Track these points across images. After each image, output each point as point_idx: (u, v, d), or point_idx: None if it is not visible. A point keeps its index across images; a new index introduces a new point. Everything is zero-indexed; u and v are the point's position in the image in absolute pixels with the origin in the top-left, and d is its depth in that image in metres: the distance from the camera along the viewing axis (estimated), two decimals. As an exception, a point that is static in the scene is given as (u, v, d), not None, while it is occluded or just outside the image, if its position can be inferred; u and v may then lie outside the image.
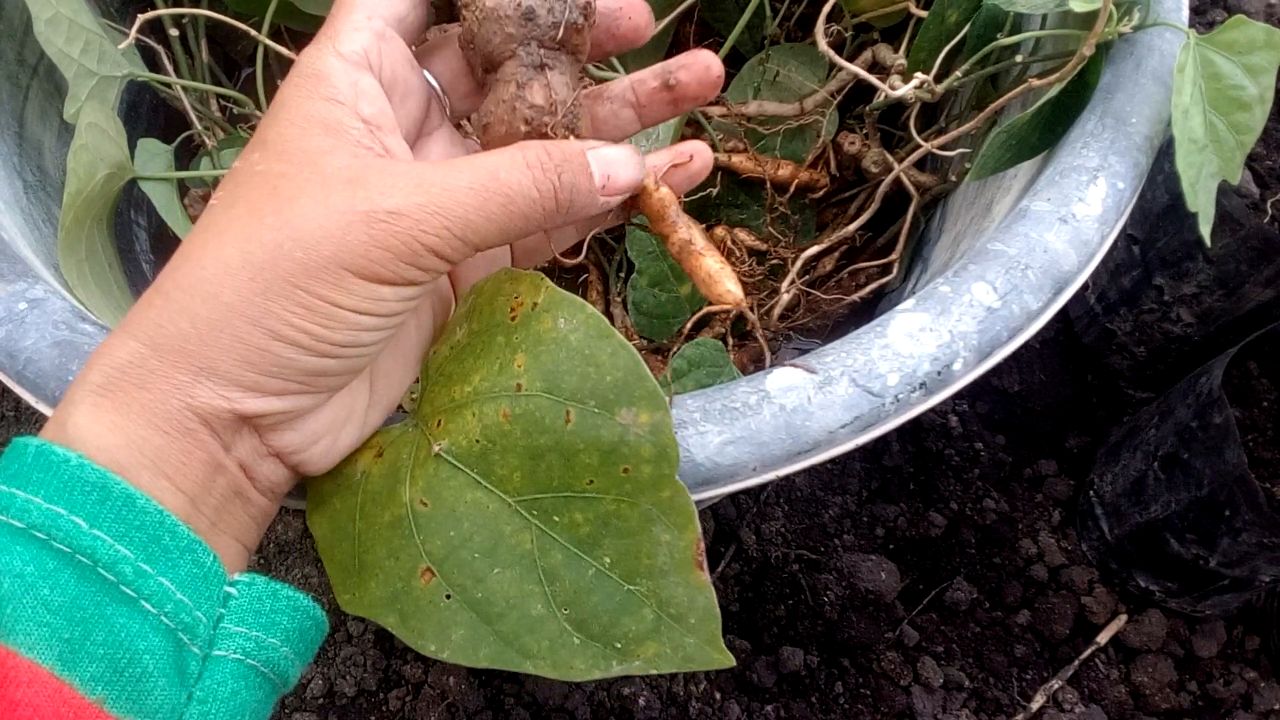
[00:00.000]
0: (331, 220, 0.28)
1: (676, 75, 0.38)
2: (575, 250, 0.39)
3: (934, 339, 0.38)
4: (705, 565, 0.33)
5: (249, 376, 0.29)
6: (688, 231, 0.38)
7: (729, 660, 0.33)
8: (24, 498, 0.27)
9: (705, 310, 0.43)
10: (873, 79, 0.53)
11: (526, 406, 0.33)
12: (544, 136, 0.34)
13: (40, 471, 0.27)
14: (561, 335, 0.33)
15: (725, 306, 0.37)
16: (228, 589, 0.30)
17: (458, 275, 0.38)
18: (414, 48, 0.35)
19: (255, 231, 0.29)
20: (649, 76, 0.38)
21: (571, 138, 0.35)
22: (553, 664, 0.33)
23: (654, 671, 0.33)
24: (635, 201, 0.37)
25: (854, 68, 0.54)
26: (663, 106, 0.39)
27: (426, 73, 0.36)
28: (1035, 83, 0.47)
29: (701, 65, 0.37)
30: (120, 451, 0.28)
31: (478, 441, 0.33)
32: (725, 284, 0.37)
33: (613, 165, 0.34)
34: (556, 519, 0.33)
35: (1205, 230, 0.44)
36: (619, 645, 0.33)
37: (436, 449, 0.34)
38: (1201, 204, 0.44)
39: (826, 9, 0.52)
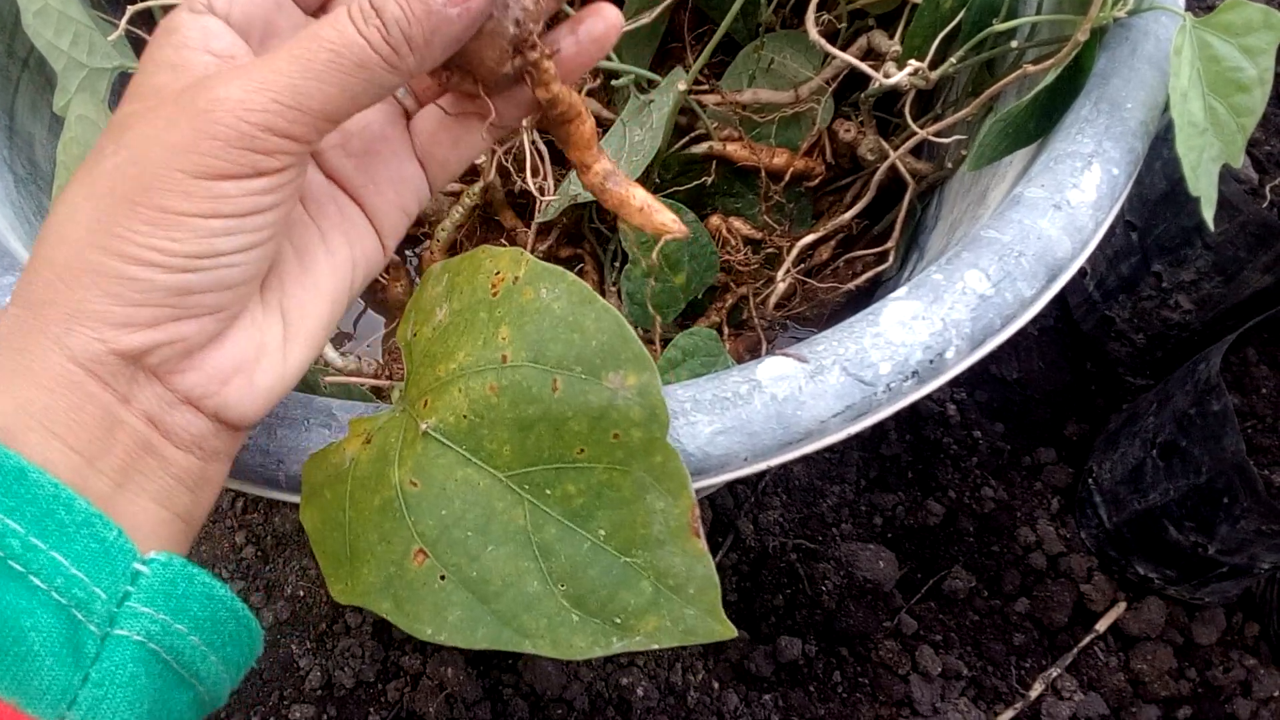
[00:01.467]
0: (159, 129, 0.27)
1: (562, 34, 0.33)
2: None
3: (926, 327, 0.38)
4: (701, 532, 0.32)
5: (116, 310, 0.27)
6: (610, 164, 0.35)
7: (731, 631, 0.32)
8: None
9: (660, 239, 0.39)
10: (866, 68, 0.53)
11: (513, 378, 0.32)
12: (523, 43, 0.31)
13: None
14: (544, 304, 0.33)
15: (671, 236, 0.34)
16: (138, 566, 0.28)
17: (368, 205, 0.35)
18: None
19: (95, 164, 0.28)
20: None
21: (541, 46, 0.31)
22: (552, 642, 0.33)
23: (655, 646, 0.33)
24: (554, 115, 0.34)
25: (847, 56, 0.53)
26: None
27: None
28: (1030, 68, 0.47)
29: (592, 24, 0.33)
30: (7, 416, 0.27)
31: (465, 417, 0.33)
32: (664, 215, 0.34)
33: None
34: (549, 492, 0.33)
35: (1208, 214, 0.44)
36: (618, 620, 0.33)
37: (424, 427, 0.33)
38: (1203, 188, 0.43)
39: (819, -4, 0.52)
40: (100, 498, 0.28)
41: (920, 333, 0.38)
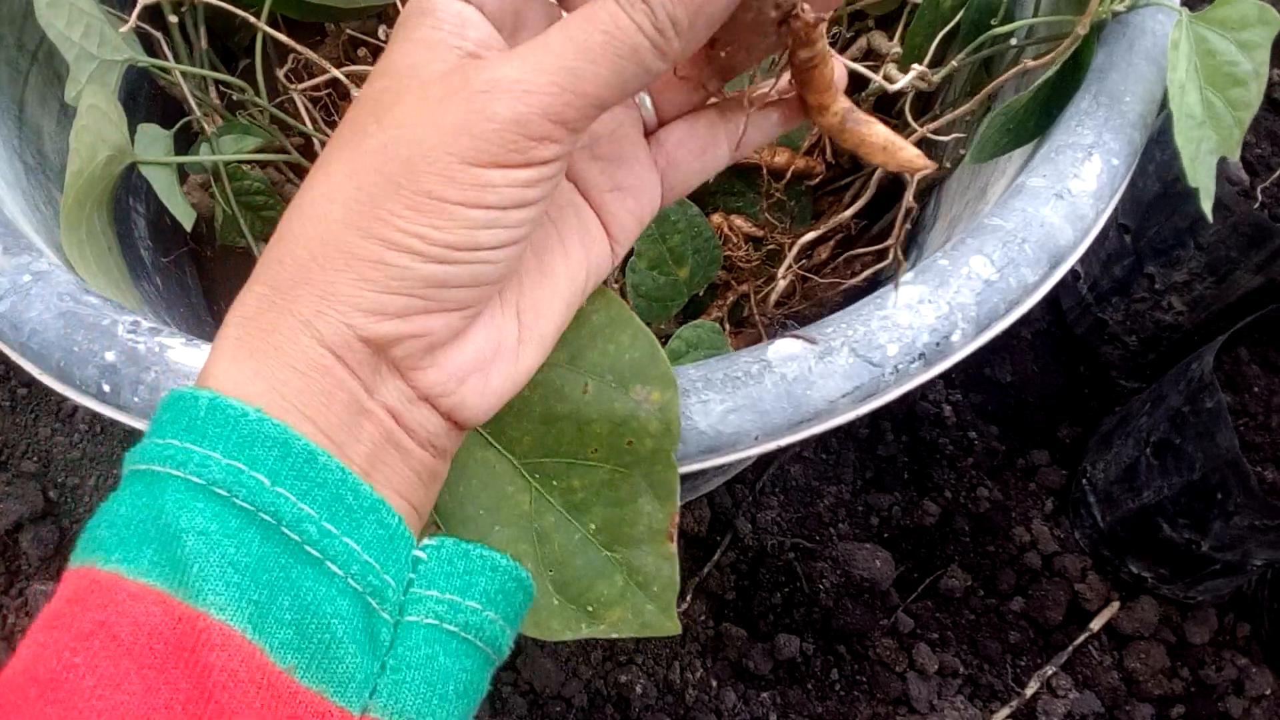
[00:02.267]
0: (429, 109, 0.27)
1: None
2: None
3: (933, 310, 0.39)
4: (675, 537, 0.34)
5: (368, 297, 0.27)
6: (848, 100, 0.33)
7: (676, 628, 0.35)
8: (202, 453, 0.25)
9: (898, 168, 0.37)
10: (868, 72, 0.54)
11: (548, 375, 0.34)
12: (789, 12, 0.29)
13: (216, 426, 0.25)
14: (585, 315, 0.34)
15: (919, 172, 0.33)
16: (416, 553, 0.28)
17: (605, 212, 0.34)
18: None
19: (358, 142, 0.27)
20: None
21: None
22: (534, 622, 0.35)
23: (615, 635, 0.35)
24: (802, 64, 0.32)
25: (848, 61, 0.54)
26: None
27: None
28: (1030, 63, 0.48)
29: None
30: (263, 398, 0.26)
31: None
32: (909, 150, 0.33)
33: None
34: (555, 483, 0.35)
35: (1206, 206, 0.44)
36: (590, 609, 0.35)
37: None
38: (1202, 179, 0.44)
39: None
40: None
41: (927, 316, 0.39)
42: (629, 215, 0.35)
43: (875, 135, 0.33)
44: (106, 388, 0.37)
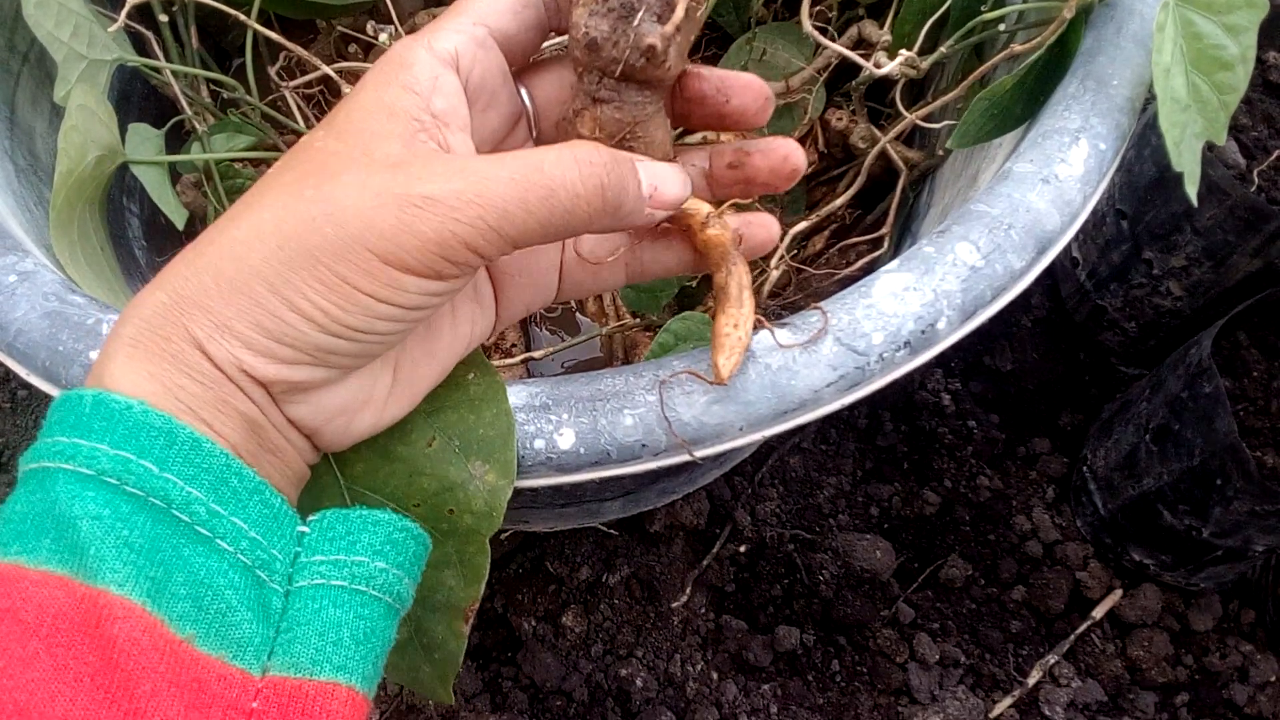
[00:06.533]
0: (366, 200, 0.28)
1: (750, 157, 0.36)
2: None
3: (918, 298, 0.39)
4: (470, 622, 0.36)
5: (260, 341, 0.28)
6: (732, 280, 0.36)
7: (449, 698, 0.38)
8: (89, 446, 0.26)
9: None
10: (857, 58, 0.53)
11: (407, 416, 0.35)
12: None
13: (102, 420, 0.27)
14: (464, 380, 0.36)
15: (714, 380, 0.36)
16: (301, 528, 0.30)
17: (502, 293, 0.37)
18: (522, 64, 0.35)
19: (293, 202, 0.28)
20: (727, 149, 0.37)
21: None
22: None
23: (383, 676, 0.36)
24: (705, 239, 0.36)
25: (839, 47, 0.54)
26: (731, 185, 0.37)
27: (524, 91, 0.35)
28: (1018, 48, 0.48)
29: (779, 154, 0.36)
30: (157, 398, 0.28)
31: None
32: (720, 356, 0.36)
33: (659, 178, 0.32)
34: None
35: (1191, 191, 0.44)
36: None
37: None
38: (1186, 164, 0.44)
39: (811, -12, 0.52)
40: None
41: (912, 303, 0.38)
42: (520, 303, 0.38)
43: (719, 323, 0.36)
44: (92, 386, 0.37)
